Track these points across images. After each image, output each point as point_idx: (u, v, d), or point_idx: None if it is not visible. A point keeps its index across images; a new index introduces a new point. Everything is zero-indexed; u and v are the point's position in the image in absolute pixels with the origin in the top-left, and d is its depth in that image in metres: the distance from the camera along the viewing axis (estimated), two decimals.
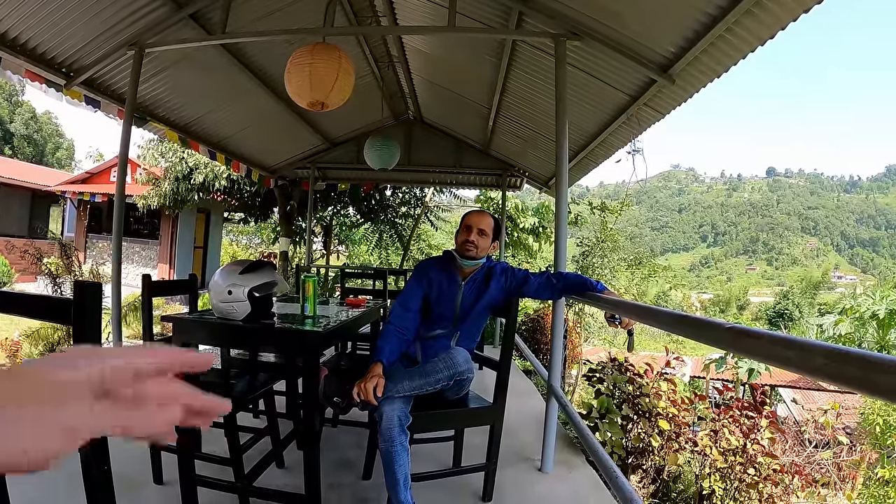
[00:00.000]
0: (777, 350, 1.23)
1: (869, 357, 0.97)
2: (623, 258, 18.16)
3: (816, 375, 1.12)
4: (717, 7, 3.49)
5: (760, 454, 4.90)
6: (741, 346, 1.41)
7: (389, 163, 7.75)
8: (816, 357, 1.10)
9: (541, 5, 4.50)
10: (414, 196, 18.61)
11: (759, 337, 1.32)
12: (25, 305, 1.64)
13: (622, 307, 2.83)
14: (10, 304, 1.64)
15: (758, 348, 1.32)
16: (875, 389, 0.96)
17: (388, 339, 3.12)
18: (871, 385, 0.96)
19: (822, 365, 1.08)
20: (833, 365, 1.05)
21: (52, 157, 75.86)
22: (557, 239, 4.26)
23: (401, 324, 3.23)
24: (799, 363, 1.16)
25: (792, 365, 1.20)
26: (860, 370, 0.98)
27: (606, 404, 5.30)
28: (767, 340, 1.28)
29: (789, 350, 1.19)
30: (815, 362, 1.10)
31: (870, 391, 0.99)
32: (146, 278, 3.60)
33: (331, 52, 4.29)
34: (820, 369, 1.09)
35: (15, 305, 1.67)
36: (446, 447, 3.79)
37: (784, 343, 1.22)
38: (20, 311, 1.64)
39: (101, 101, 5.84)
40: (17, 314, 1.61)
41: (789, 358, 1.19)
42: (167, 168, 15.91)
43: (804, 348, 1.15)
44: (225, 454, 3.14)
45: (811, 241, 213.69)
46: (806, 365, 1.13)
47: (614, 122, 5.76)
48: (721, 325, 1.52)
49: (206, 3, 5.09)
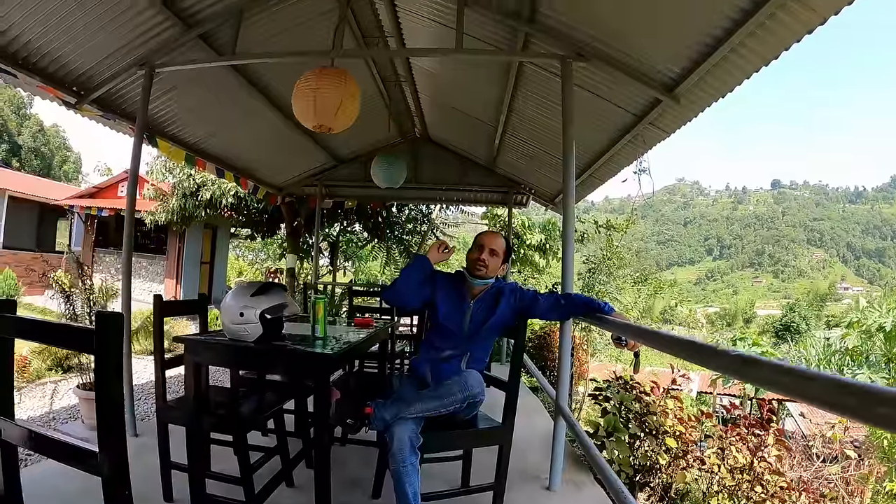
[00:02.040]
0: (779, 378, 1.26)
1: (868, 388, 1.00)
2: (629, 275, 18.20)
3: (815, 403, 1.16)
4: (722, 29, 3.53)
5: (768, 471, 4.90)
6: (745, 373, 1.44)
7: (396, 181, 7.79)
8: (816, 386, 1.13)
9: (547, 27, 4.55)
10: (420, 212, 18.66)
11: (763, 365, 1.35)
12: (50, 334, 1.69)
13: (629, 330, 2.86)
14: (35, 331, 1.68)
15: (761, 376, 1.35)
16: (873, 419, 0.99)
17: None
18: (870, 415, 0.99)
19: (821, 394, 1.12)
20: (832, 394, 1.08)
21: (59, 170, 76.17)
22: (564, 258, 4.29)
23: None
24: (799, 392, 1.19)
25: (792, 393, 1.23)
26: (859, 400, 1.01)
27: (613, 423, 5.31)
28: (770, 369, 1.31)
29: (790, 378, 1.22)
30: (815, 391, 1.13)
31: (867, 420, 1.02)
32: (157, 298, 3.64)
33: (336, 77, 4.34)
34: (819, 398, 1.12)
35: (40, 333, 1.72)
36: (455, 466, 3.80)
37: (785, 371, 1.25)
38: (44, 338, 1.69)
39: (111, 119, 5.90)
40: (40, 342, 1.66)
41: (790, 386, 1.22)
42: (175, 184, 16.03)
43: (804, 377, 1.18)
44: (235, 473, 3.18)
45: (817, 253, 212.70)
46: (806, 393, 1.17)
47: (620, 141, 5.80)
48: (727, 352, 1.55)
49: (215, 25, 5.14)
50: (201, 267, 21.76)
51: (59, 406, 8.47)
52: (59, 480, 3.52)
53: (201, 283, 21.72)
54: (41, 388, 9.04)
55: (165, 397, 3.49)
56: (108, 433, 1.35)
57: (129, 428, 4.61)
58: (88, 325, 1.40)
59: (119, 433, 1.38)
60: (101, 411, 1.36)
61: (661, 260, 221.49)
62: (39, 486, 3.47)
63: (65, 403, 8.60)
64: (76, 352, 6.27)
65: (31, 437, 1.51)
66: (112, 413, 1.36)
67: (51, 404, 8.43)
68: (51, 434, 1.48)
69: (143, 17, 4.67)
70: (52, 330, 1.66)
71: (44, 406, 8.25)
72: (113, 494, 1.35)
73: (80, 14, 4.40)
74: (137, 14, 4.60)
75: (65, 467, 1.49)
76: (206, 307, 4.07)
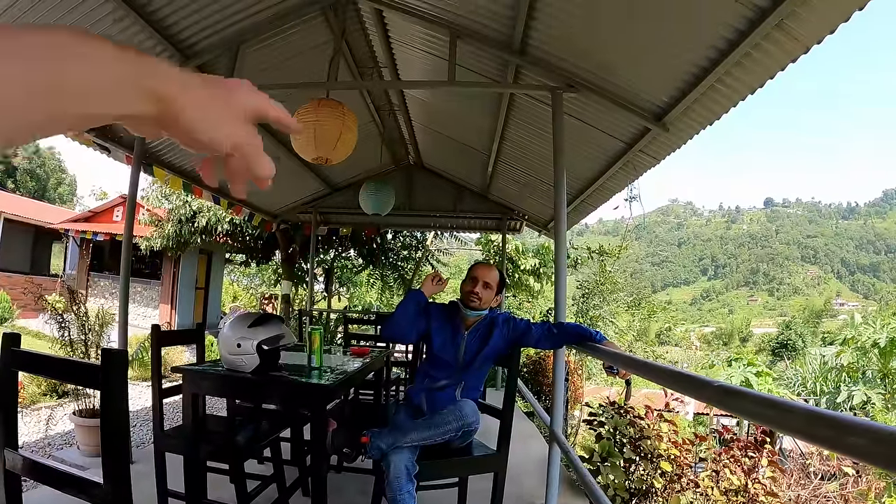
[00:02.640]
0: (760, 410, 1.31)
1: (840, 419, 1.05)
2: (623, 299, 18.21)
3: (795, 434, 1.20)
4: (708, 59, 3.61)
5: (762, 493, 4.93)
6: (728, 404, 1.48)
7: (383, 209, 7.82)
8: (796, 419, 1.18)
9: (537, 59, 4.63)
10: (415, 239, 18.72)
11: (744, 397, 1.40)
12: (54, 368, 1.74)
13: (619, 359, 2.89)
14: (39, 365, 1.73)
15: (743, 407, 1.40)
16: (846, 449, 1.04)
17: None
18: (842, 445, 1.03)
19: (800, 426, 1.16)
20: (809, 425, 1.13)
21: (53, 193, 75.99)
22: (557, 284, 4.35)
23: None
24: (780, 423, 1.23)
25: (773, 424, 1.28)
26: (833, 431, 1.06)
27: (608, 447, 5.34)
28: (751, 400, 1.35)
29: (772, 410, 1.27)
30: (794, 423, 1.18)
31: (841, 450, 1.07)
32: (155, 328, 3.68)
33: (335, 109, 4.40)
34: (797, 429, 1.17)
35: (43, 367, 1.77)
36: (451, 493, 3.82)
37: (767, 404, 1.29)
38: (50, 373, 1.73)
39: (110, 148, 5.95)
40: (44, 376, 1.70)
41: (771, 418, 1.27)
42: (170, 210, 16.05)
43: (785, 409, 1.23)
44: (232, 501, 3.21)
45: (812, 270, 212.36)
46: (786, 425, 1.21)
47: (611, 168, 5.87)
48: (710, 383, 1.60)
49: (212, 56, 5.22)
50: (196, 292, 21.70)
51: (54, 432, 8.44)
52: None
53: (196, 308, 21.66)
54: (36, 414, 9.01)
55: (163, 426, 3.52)
56: (113, 464, 1.40)
57: None
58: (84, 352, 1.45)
59: (123, 463, 1.43)
60: (107, 443, 1.40)
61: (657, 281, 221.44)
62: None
63: (60, 429, 8.58)
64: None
65: (35, 468, 1.55)
66: (117, 444, 1.41)
67: (46, 430, 8.41)
68: (56, 465, 1.52)
69: (142, 47, 4.71)
70: (58, 365, 1.71)
71: (39, 431, 8.23)
72: None
73: None
74: (136, 45, 4.66)
75: (59, 493, 1.54)
76: (203, 336, 4.10)
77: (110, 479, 1.38)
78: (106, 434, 1.40)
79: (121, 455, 1.42)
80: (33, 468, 1.56)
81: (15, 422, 1.65)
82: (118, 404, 1.42)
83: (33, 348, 1.75)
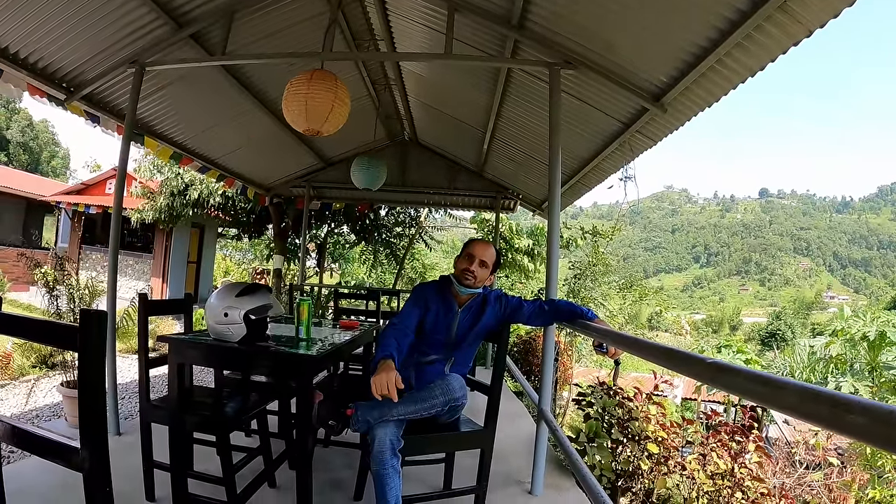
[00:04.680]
0: (753, 386, 1.28)
1: (838, 397, 1.02)
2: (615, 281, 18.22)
3: (789, 413, 1.18)
4: (708, 39, 3.57)
5: (748, 478, 4.93)
6: (720, 381, 1.46)
7: (374, 183, 7.78)
8: (789, 395, 1.15)
9: (536, 34, 4.58)
10: (409, 216, 18.67)
11: (737, 373, 1.37)
12: (32, 330, 1.69)
13: (610, 337, 2.86)
14: (17, 327, 1.68)
15: (735, 384, 1.37)
16: (843, 428, 1.02)
17: (390, 341, 3.10)
18: (840, 423, 1.01)
19: (794, 403, 1.14)
20: (805, 404, 1.10)
21: (47, 166, 75.87)
22: (549, 264, 4.32)
23: (400, 335, 3.26)
24: (773, 400, 1.21)
25: (766, 401, 1.25)
26: (830, 410, 1.03)
27: (595, 428, 5.33)
28: (744, 377, 1.33)
29: (764, 387, 1.24)
30: (788, 400, 1.15)
31: (838, 429, 1.05)
32: (143, 297, 3.64)
33: (327, 81, 4.33)
34: (792, 407, 1.14)
35: (21, 329, 1.72)
36: (437, 469, 3.82)
37: (760, 380, 1.27)
38: (26, 335, 1.68)
39: (100, 116, 5.89)
40: (22, 338, 1.66)
41: (764, 395, 1.24)
42: (163, 182, 15.96)
43: (778, 386, 1.20)
44: (217, 473, 3.18)
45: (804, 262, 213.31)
46: (779, 402, 1.19)
47: (607, 148, 5.83)
48: (702, 360, 1.57)
49: (206, 24, 5.15)
50: (188, 266, 21.67)
51: (42, 403, 8.43)
52: (40, 476, 3.52)
53: (188, 282, 21.63)
54: (25, 385, 9.00)
55: (149, 396, 3.48)
56: (90, 429, 1.36)
57: (113, 427, 4.60)
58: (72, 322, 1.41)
59: (101, 429, 1.39)
60: (84, 407, 1.36)
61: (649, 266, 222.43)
62: (20, 481, 3.47)
63: (48, 401, 8.56)
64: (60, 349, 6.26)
65: (13, 433, 1.52)
66: (94, 409, 1.37)
67: (34, 402, 8.39)
68: (33, 430, 1.48)
69: (135, 14, 4.68)
70: (35, 326, 1.66)
71: (27, 403, 8.21)
72: (94, 490, 1.36)
73: (70, 11, 4.40)
74: (129, 12, 4.61)
75: (45, 464, 1.50)
76: (191, 307, 4.06)
77: (88, 444, 1.35)
78: (84, 398, 1.36)
79: (97, 419, 1.38)
80: (12, 434, 1.52)
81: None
82: (97, 367, 1.38)
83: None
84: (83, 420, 1.36)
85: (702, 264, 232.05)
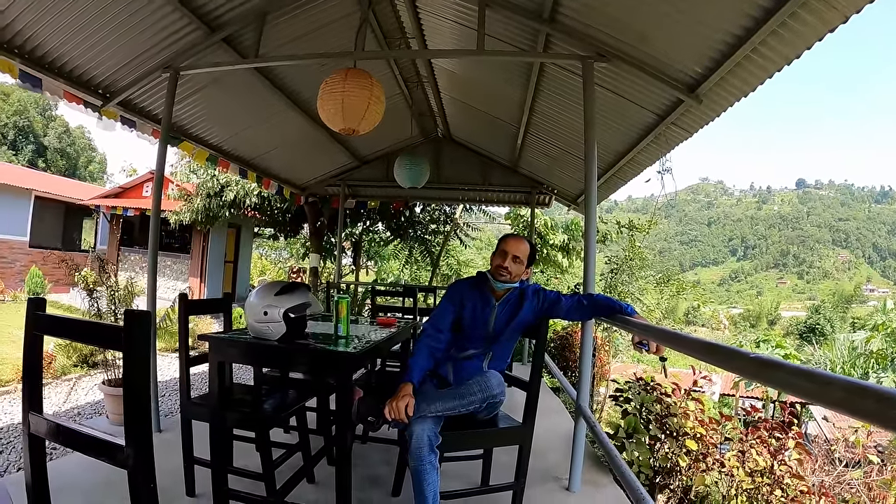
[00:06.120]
0: (798, 381, 1.26)
1: (886, 392, 1.01)
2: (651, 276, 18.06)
3: (835, 408, 1.16)
4: (743, 28, 3.52)
5: (788, 475, 4.86)
6: (764, 376, 1.44)
7: (419, 181, 7.81)
8: (835, 390, 1.13)
9: (568, 28, 4.55)
10: (443, 213, 18.69)
11: (782, 368, 1.35)
12: (79, 331, 1.73)
13: (651, 332, 2.82)
14: (64, 329, 1.72)
15: (780, 379, 1.35)
16: (890, 423, 1.00)
17: (419, 359, 3.17)
18: (887, 418, 0.99)
19: (840, 398, 1.12)
20: (851, 399, 1.08)
21: (84, 171, 77.18)
22: (586, 258, 4.29)
23: (432, 343, 3.28)
24: (818, 395, 1.19)
25: (811, 397, 1.23)
26: (877, 404, 1.01)
27: (633, 424, 5.29)
28: (789, 372, 1.31)
29: (809, 382, 1.22)
30: (834, 395, 1.13)
31: (885, 424, 1.03)
32: (182, 297, 3.69)
33: (363, 79, 4.34)
34: (838, 403, 1.13)
35: (68, 331, 1.76)
36: (475, 465, 3.82)
37: (805, 375, 1.24)
38: (75, 336, 1.72)
39: (136, 121, 5.98)
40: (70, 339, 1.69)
41: (809, 390, 1.22)
42: (199, 185, 16.17)
43: (824, 381, 1.18)
44: (257, 469, 3.22)
45: (842, 254, 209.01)
46: (825, 397, 1.17)
47: (642, 141, 5.78)
48: (746, 355, 1.55)
49: (238, 28, 5.21)
50: (225, 266, 21.93)
51: (83, 402, 8.58)
52: (83, 474, 3.59)
53: (225, 281, 21.90)
54: (66, 384, 9.15)
55: (190, 394, 3.54)
56: (135, 427, 1.39)
57: (154, 424, 4.67)
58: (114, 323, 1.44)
59: (145, 427, 1.41)
60: (129, 405, 1.39)
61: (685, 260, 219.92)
62: (63, 479, 3.53)
63: (90, 399, 8.72)
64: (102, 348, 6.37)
65: (59, 432, 1.55)
66: (139, 407, 1.40)
67: (75, 399, 8.54)
68: (79, 428, 1.51)
69: (168, 20, 4.75)
70: (82, 327, 1.70)
71: (69, 401, 8.36)
72: (139, 487, 1.38)
73: (104, 19, 4.49)
74: (162, 18, 4.68)
75: (87, 460, 1.53)
76: (230, 306, 4.11)
77: (133, 442, 1.37)
78: (128, 396, 1.39)
79: (142, 417, 1.41)
80: (57, 432, 1.55)
81: (40, 386, 1.64)
82: (141, 365, 1.40)
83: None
84: (128, 418, 1.39)
85: (739, 257, 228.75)
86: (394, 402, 2.83)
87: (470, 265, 23.52)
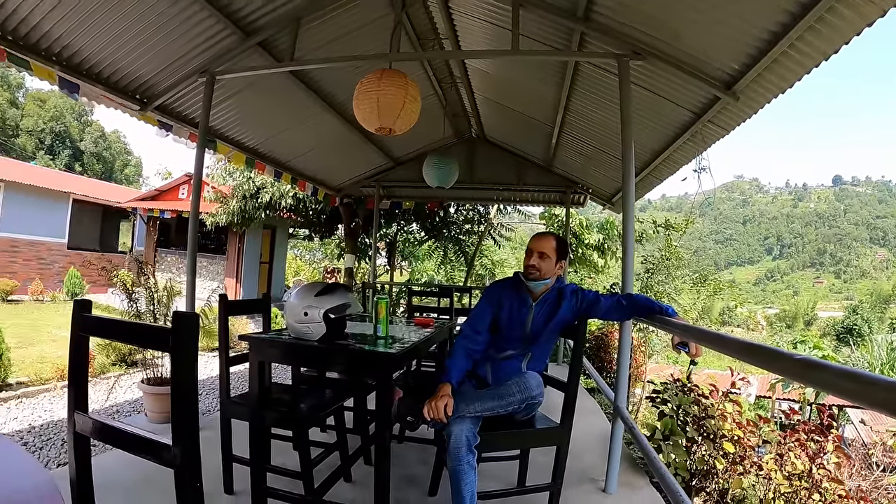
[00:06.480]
0: (842, 382, 1.26)
1: None
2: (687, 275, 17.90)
3: (879, 409, 1.15)
4: (780, 24, 3.48)
5: (826, 479, 4.79)
6: (808, 377, 1.43)
7: (447, 181, 7.81)
8: (879, 391, 1.13)
9: (602, 26, 4.54)
10: (478, 213, 18.71)
11: (826, 369, 1.35)
12: (125, 332, 1.76)
13: (691, 332, 2.80)
14: (111, 331, 1.76)
15: (824, 380, 1.35)
16: None
17: (457, 360, 3.19)
18: None
19: (884, 399, 1.11)
20: (893, 398, 1.08)
21: (120, 174, 78.38)
22: (625, 258, 4.26)
23: (469, 345, 3.29)
24: (862, 396, 1.19)
25: (855, 397, 1.22)
26: None
27: (670, 425, 5.26)
28: (833, 373, 1.30)
29: (853, 383, 1.22)
30: (878, 396, 1.13)
31: None
32: (223, 298, 3.73)
33: (398, 79, 4.35)
34: (882, 403, 1.12)
35: (114, 332, 1.80)
36: (511, 466, 3.82)
37: (849, 376, 1.24)
38: (119, 337, 1.75)
39: (173, 125, 6.09)
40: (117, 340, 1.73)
41: (853, 391, 1.22)
42: (235, 187, 16.35)
43: (868, 382, 1.18)
44: (295, 467, 3.26)
45: (880, 253, 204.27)
46: (869, 398, 1.16)
47: (678, 139, 5.73)
48: (790, 356, 1.54)
49: (273, 32, 5.27)
50: (260, 266, 22.18)
51: (122, 399, 8.72)
52: (123, 472, 3.65)
53: (260, 282, 22.14)
54: (105, 383, 9.29)
55: (229, 393, 3.59)
56: (183, 426, 1.41)
57: None
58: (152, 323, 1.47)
59: (192, 426, 1.44)
60: (176, 405, 1.41)
61: (720, 259, 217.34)
62: (105, 475, 3.60)
63: (128, 397, 8.85)
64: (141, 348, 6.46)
65: (104, 430, 1.58)
66: (186, 407, 1.42)
67: (114, 398, 8.68)
68: (124, 427, 1.54)
69: (204, 26, 4.83)
70: (128, 329, 1.74)
71: (108, 400, 8.49)
72: (185, 486, 1.41)
73: (141, 25, 4.58)
74: (198, 23, 4.77)
75: (127, 457, 1.57)
76: (269, 306, 4.16)
77: (180, 442, 1.40)
78: (176, 397, 1.41)
79: (189, 417, 1.43)
80: (103, 430, 1.58)
81: (85, 385, 1.68)
82: (189, 366, 1.43)
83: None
84: (176, 418, 1.41)
85: (774, 256, 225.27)
86: (433, 402, 2.85)
87: (504, 265, 23.52)
